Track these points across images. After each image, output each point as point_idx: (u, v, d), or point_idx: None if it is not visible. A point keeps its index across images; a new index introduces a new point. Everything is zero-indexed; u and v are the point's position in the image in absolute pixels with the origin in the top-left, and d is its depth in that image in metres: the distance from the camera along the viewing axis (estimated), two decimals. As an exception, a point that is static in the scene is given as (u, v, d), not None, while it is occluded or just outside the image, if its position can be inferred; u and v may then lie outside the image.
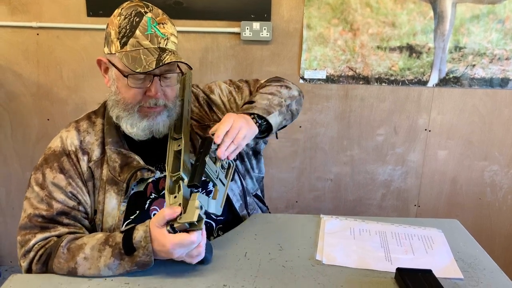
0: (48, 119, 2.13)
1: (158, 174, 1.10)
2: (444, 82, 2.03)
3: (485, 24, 1.93)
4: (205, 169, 0.93)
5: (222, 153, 0.97)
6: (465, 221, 2.20)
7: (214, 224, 1.14)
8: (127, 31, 0.99)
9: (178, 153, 0.97)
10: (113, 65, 1.03)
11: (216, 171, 0.97)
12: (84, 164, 1.06)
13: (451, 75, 2.02)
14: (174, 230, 0.87)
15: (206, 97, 1.25)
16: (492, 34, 1.95)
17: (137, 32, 0.99)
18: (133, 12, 1.00)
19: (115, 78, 1.04)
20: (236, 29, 1.95)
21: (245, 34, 1.95)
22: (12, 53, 2.03)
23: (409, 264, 0.97)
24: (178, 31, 2.08)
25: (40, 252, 0.97)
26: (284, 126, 1.22)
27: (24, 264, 0.99)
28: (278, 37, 1.99)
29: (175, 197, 0.91)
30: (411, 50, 1.98)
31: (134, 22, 0.99)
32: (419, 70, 2.01)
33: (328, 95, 2.06)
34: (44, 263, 0.96)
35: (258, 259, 0.99)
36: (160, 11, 1.05)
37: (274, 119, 1.12)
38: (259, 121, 1.09)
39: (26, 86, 2.08)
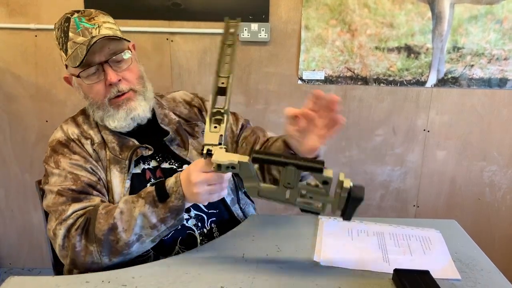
0: (47, 121, 2.13)
1: (153, 163, 1.14)
2: (442, 82, 2.03)
3: (483, 25, 1.94)
4: None
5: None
6: (464, 221, 2.20)
7: (205, 217, 1.15)
8: (63, 38, 1.05)
9: (220, 90, 0.93)
10: (72, 74, 1.08)
11: None
12: (89, 148, 1.10)
13: (449, 76, 2.02)
14: (207, 155, 0.85)
15: (201, 102, 1.30)
16: (490, 34, 1.95)
17: (70, 34, 1.04)
18: (62, 20, 1.07)
19: (77, 85, 1.09)
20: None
21: (243, 35, 1.95)
22: (10, 55, 2.03)
23: (407, 265, 0.97)
24: (176, 33, 2.08)
25: (80, 220, 0.99)
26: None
27: (61, 231, 0.99)
28: (276, 38, 1.99)
29: (216, 127, 0.89)
30: (409, 51, 1.98)
31: (65, 28, 1.05)
32: (418, 70, 2.01)
33: (326, 95, 2.06)
34: (83, 229, 0.98)
35: (256, 260, 0.98)
36: (93, 10, 1.09)
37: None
38: None
39: (25, 88, 2.08)
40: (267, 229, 1.13)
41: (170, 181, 0.95)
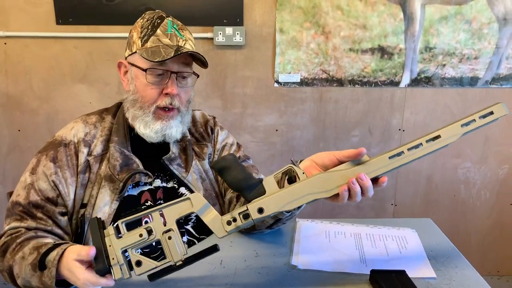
0: (19, 130, 2.08)
1: (158, 183, 1.11)
2: (416, 82, 2.06)
3: (453, 25, 1.98)
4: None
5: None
6: (441, 218, 2.25)
7: (197, 242, 1.13)
8: (149, 30, 1.06)
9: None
10: (133, 64, 1.08)
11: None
12: (82, 156, 1.06)
13: (422, 75, 2.05)
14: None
15: (213, 125, 1.26)
16: (460, 34, 1.99)
17: (158, 31, 1.06)
18: (155, 16, 1.09)
19: (134, 77, 1.08)
20: (209, 34, 1.95)
21: (218, 39, 1.94)
22: (-21, 63, 1.98)
23: (384, 265, 0.98)
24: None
25: (4, 240, 0.98)
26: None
27: None
28: (251, 41, 1.99)
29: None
30: (383, 52, 2.01)
31: (156, 23, 1.07)
32: (391, 71, 2.04)
33: (303, 98, 2.07)
34: (3, 253, 0.97)
35: (234, 266, 0.98)
36: (180, 22, 1.12)
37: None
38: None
39: (-5, 97, 2.03)
40: (245, 234, 1.13)
41: (52, 253, 0.86)
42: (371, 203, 2.24)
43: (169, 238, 0.78)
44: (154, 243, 1.06)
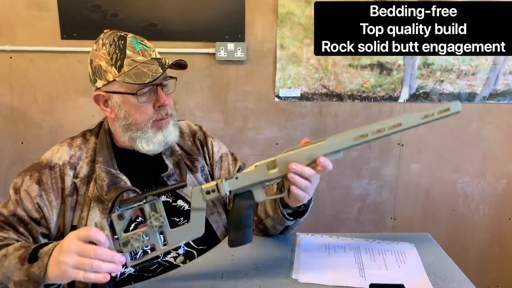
0: (22, 143, 2.10)
1: (148, 199, 1.11)
2: (414, 97, 2.09)
3: (450, 42, 2.01)
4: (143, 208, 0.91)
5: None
6: (440, 232, 2.26)
7: (196, 253, 1.13)
8: (118, 54, 1.04)
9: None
10: (115, 92, 1.06)
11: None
12: (68, 179, 1.06)
13: (421, 91, 2.08)
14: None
15: (203, 136, 1.27)
16: (458, 51, 2.02)
17: (128, 52, 1.04)
18: (115, 37, 1.06)
19: (121, 103, 1.06)
20: (211, 50, 1.98)
21: (220, 54, 1.98)
22: (-16, 76, 2.01)
23: (382, 279, 0.99)
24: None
25: None
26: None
27: None
28: (252, 57, 2.02)
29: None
30: (382, 68, 2.04)
31: (121, 45, 1.05)
32: (390, 86, 2.07)
33: (303, 112, 2.10)
34: None
35: (235, 280, 0.99)
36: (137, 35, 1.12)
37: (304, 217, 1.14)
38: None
39: (-1, 109, 2.06)
40: (246, 248, 1.13)
41: (47, 246, 0.89)
42: (370, 217, 2.25)
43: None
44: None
